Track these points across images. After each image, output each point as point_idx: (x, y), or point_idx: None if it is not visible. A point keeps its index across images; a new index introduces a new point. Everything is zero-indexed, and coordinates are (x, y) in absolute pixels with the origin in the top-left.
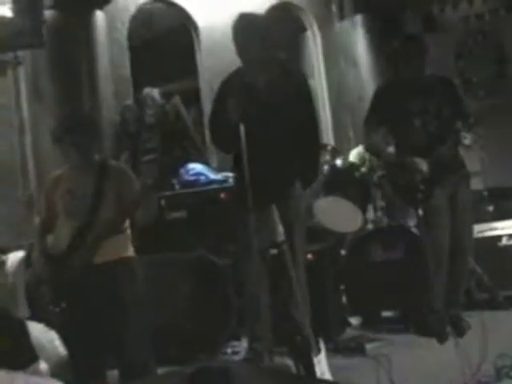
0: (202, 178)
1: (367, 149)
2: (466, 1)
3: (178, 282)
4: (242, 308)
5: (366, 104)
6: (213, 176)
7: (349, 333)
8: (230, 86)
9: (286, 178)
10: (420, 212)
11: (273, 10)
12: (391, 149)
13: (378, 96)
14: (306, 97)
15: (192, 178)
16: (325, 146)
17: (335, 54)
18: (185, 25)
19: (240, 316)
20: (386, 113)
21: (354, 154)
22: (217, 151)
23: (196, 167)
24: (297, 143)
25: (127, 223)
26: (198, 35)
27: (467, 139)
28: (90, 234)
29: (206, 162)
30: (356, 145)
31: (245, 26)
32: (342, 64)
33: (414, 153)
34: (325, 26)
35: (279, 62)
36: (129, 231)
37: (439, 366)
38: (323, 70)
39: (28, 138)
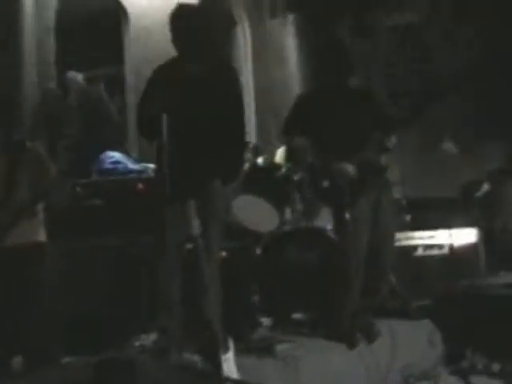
0: (120, 166)
1: (288, 158)
2: (397, 10)
3: (90, 271)
4: (152, 301)
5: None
6: (131, 165)
7: (260, 333)
8: (160, 73)
9: (207, 173)
10: (342, 215)
11: (205, 0)
12: (313, 155)
13: (299, 103)
14: (236, 93)
15: (110, 167)
16: (246, 144)
17: (264, 51)
18: (114, 10)
19: (150, 309)
20: (306, 120)
21: (280, 153)
22: (138, 141)
23: (115, 155)
24: (221, 139)
25: (40, 207)
26: (126, 21)
27: (390, 143)
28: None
29: (125, 151)
30: (279, 145)
31: (182, 15)
32: (270, 63)
33: (337, 158)
34: (256, 22)
35: (212, 54)
36: (41, 215)
37: (347, 372)
38: (251, 67)
39: None
